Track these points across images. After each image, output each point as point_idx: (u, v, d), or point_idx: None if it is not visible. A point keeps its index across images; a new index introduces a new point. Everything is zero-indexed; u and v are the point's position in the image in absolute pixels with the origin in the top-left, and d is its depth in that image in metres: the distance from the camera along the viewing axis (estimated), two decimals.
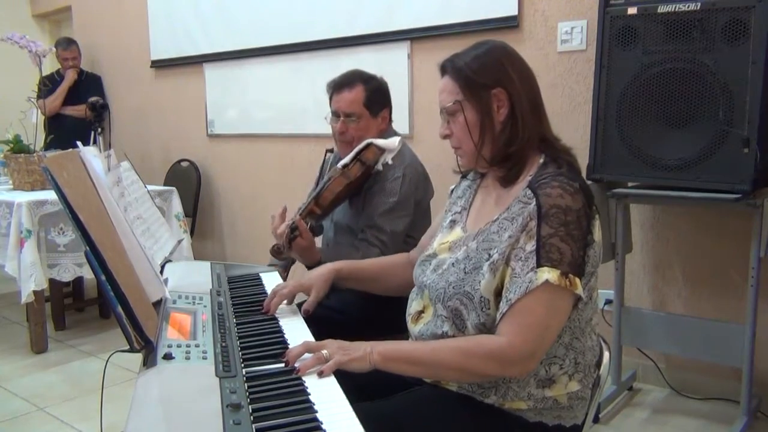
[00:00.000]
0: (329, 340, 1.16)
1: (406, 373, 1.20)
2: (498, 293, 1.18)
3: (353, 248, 1.89)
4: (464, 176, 1.47)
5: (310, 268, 1.88)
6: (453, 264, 1.27)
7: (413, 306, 1.38)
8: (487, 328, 1.19)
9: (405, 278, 1.54)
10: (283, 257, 1.82)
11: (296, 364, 1.09)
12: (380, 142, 1.87)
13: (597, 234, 1.20)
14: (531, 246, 1.14)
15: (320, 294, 1.47)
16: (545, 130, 1.30)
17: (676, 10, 2.08)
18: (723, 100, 2.02)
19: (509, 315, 1.13)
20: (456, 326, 1.23)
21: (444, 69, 1.32)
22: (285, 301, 1.46)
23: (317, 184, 2.06)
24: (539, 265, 1.12)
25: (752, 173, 1.98)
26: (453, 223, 1.40)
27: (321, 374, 1.08)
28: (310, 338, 1.28)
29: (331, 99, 2.06)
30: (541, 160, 1.27)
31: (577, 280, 1.13)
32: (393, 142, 1.88)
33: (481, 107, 1.26)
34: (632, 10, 2.17)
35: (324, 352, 1.11)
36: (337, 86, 2.04)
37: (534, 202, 1.17)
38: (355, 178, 1.83)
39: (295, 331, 1.32)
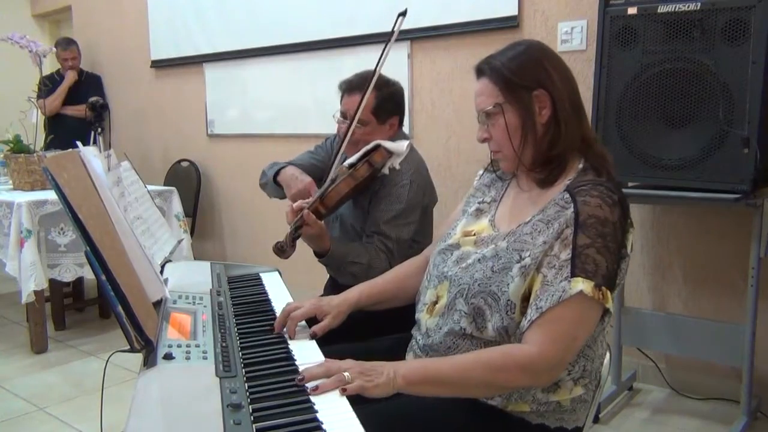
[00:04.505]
0: (349, 361, 1.09)
1: (431, 395, 1.13)
2: (525, 298, 1.16)
3: (363, 249, 1.90)
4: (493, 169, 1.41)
5: (319, 255, 1.89)
6: (479, 260, 1.23)
7: (427, 296, 1.32)
8: (509, 332, 1.16)
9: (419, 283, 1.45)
10: (286, 256, 1.83)
11: (314, 383, 1.02)
12: (389, 145, 1.86)
13: (630, 247, 1.18)
14: (566, 254, 1.12)
15: (334, 323, 1.37)
16: (586, 131, 1.27)
17: (676, 10, 2.08)
18: (723, 100, 2.02)
19: (539, 323, 1.10)
20: (476, 324, 1.20)
21: (481, 71, 1.28)
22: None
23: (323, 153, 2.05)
24: (574, 275, 1.10)
25: (752, 173, 1.98)
26: (479, 212, 1.35)
27: (343, 392, 1.02)
28: (310, 339, 1.28)
29: (341, 99, 2.04)
30: (581, 165, 1.24)
31: (609, 293, 1.11)
32: (401, 146, 1.87)
33: (522, 110, 1.23)
34: (632, 10, 2.17)
35: (346, 374, 1.04)
36: (349, 88, 2.01)
37: (572, 208, 1.15)
38: (362, 179, 1.84)
39: (296, 332, 1.32)
